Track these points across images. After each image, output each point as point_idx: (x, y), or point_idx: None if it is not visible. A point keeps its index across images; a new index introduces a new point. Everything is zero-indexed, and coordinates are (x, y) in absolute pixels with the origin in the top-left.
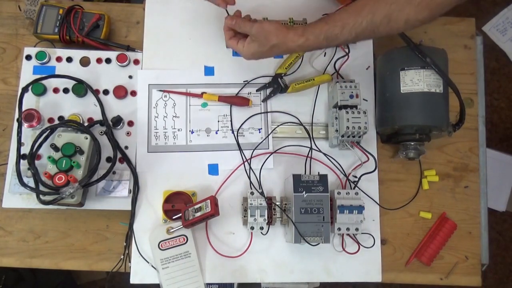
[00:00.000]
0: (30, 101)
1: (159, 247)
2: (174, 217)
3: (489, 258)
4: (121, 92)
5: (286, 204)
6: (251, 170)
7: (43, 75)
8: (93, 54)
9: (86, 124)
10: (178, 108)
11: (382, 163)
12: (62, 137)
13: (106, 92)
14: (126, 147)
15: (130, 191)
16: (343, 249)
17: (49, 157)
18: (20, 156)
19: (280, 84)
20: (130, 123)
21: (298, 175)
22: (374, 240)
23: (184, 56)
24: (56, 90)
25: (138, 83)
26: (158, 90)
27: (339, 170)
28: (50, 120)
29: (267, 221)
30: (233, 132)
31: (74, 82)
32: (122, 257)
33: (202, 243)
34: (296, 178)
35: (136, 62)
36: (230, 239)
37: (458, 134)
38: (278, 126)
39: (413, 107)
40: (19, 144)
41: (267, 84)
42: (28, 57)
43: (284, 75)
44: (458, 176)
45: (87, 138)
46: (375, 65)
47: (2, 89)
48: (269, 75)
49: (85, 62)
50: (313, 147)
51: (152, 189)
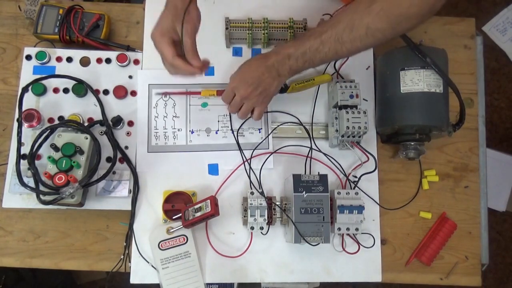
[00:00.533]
0: (30, 101)
1: (159, 247)
2: (174, 217)
3: (489, 258)
4: (121, 92)
5: (286, 204)
6: (251, 170)
7: (43, 75)
8: (93, 54)
9: (86, 124)
10: (178, 108)
11: (382, 163)
12: (62, 137)
13: (106, 92)
14: (126, 147)
15: (130, 191)
16: (343, 249)
17: (49, 157)
18: (20, 156)
19: None
20: (130, 123)
21: (298, 175)
22: (374, 240)
23: None
24: (56, 90)
25: (138, 83)
26: (157, 94)
27: (339, 170)
28: (50, 120)
29: (267, 221)
30: (233, 132)
31: (74, 82)
32: (122, 257)
33: (202, 243)
34: (296, 178)
35: (136, 62)
36: (230, 239)
37: (458, 134)
38: (278, 126)
39: (413, 107)
40: (19, 144)
41: None
42: (28, 57)
43: None
44: (458, 176)
45: (87, 138)
46: (375, 65)
47: (2, 89)
48: None
49: (85, 62)
50: (313, 147)
51: (152, 189)
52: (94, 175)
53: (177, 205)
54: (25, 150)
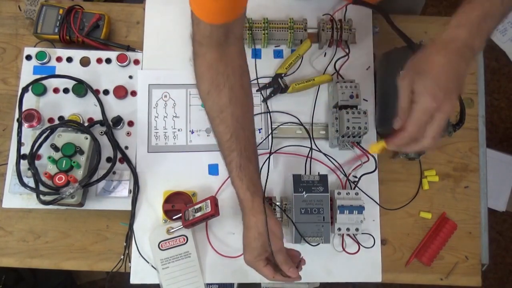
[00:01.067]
0: (30, 101)
1: (159, 247)
2: (174, 217)
3: (489, 258)
4: (121, 92)
5: (286, 204)
6: None
7: (43, 75)
8: (93, 54)
9: (86, 124)
10: (178, 108)
11: (382, 163)
12: (62, 137)
13: (106, 92)
14: (126, 147)
15: (130, 191)
16: (343, 249)
17: (49, 157)
18: (20, 156)
19: (280, 84)
20: (130, 123)
21: (298, 175)
22: (374, 240)
23: (184, 56)
24: (56, 90)
25: (138, 83)
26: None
27: (339, 170)
28: (50, 120)
29: None
30: None
31: (74, 82)
32: (122, 257)
33: (202, 243)
34: (296, 178)
35: (136, 62)
36: (230, 239)
37: (458, 134)
38: (278, 126)
39: None
40: (19, 144)
41: (267, 84)
42: (28, 57)
43: (284, 75)
44: (458, 176)
45: (87, 138)
46: (375, 65)
47: (2, 89)
48: (269, 76)
49: (85, 62)
50: (313, 147)
51: (152, 189)
52: (94, 175)
53: (177, 205)
54: (25, 150)
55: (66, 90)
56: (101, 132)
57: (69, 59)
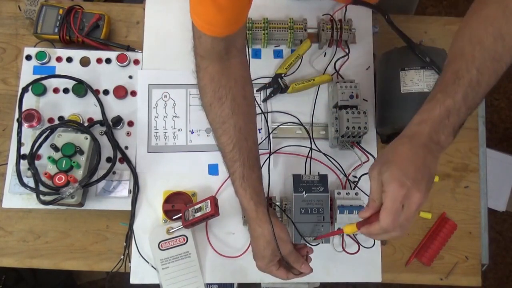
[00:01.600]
0: (30, 101)
1: (159, 247)
2: (174, 217)
3: (489, 258)
4: (121, 92)
5: (286, 204)
6: None
7: (43, 75)
8: (93, 54)
9: (86, 124)
10: (178, 108)
11: None
12: (62, 137)
13: (106, 92)
14: (126, 147)
15: (130, 191)
16: (343, 249)
17: (49, 157)
18: (20, 156)
19: (280, 84)
20: (130, 123)
21: (298, 175)
22: (374, 240)
23: (184, 56)
24: (56, 90)
25: (138, 83)
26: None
27: (339, 170)
28: (50, 120)
29: None
30: None
31: (74, 82)
32: (122, 257)
33: (202, 243)
34: (296, 178)
35: (136, 62)
36: (230, 239)
37: (458, 134)
38: (278, 126)
39: (413, 107)
40: (19, 144)
41: (267, 84)
42: (28, 57)
43: (284, 75)
44: (458, 176)
45: (87, 138)
46: (375, 65)
47: (2, 89)
48: (269, 76)
49: (85, 62)
50: (313, 147)
51: (152, 189)
52: (94, 175)
53: (177, 205)
54: (25, 150)
55: (66, 90)
56: (101, 132)
57: (69, 59)
